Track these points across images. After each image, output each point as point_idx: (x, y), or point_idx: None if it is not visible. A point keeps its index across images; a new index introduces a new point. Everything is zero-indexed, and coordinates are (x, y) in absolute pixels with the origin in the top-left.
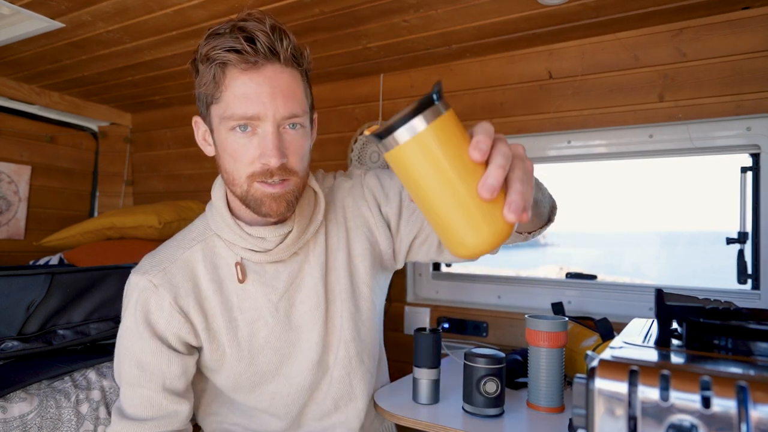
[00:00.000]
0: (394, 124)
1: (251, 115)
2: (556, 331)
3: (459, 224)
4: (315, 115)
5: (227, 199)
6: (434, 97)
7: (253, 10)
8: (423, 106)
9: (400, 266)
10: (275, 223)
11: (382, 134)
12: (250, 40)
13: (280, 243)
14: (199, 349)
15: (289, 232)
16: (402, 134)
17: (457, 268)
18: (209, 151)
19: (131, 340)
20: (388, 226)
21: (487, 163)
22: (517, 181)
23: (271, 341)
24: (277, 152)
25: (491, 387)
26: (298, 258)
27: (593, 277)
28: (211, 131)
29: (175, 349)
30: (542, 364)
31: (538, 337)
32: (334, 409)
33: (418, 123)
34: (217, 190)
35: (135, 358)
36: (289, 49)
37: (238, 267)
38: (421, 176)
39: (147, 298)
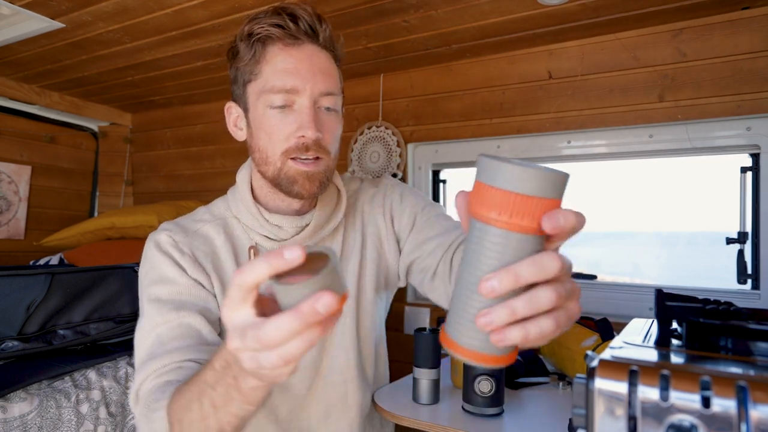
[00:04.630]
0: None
1: (290, 87)
2: (540, 197)
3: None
4: (344, 109)
5: (251, 184)
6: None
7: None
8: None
9: (402, 284)
10: (295, 215)
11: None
12: (293, 18)
13: (296, 234)
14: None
15: (307, 225)
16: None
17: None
18: (240, 135)
19: (154, 267)
20: (398, 242)
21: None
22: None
23: None
24: (313, 125)
25: (486, 386)
26: None
27: (593, 276)
28: (246, 112)
29: (201, 285)
30: (485, 258)
31: (493, 201)
32: (325, 418)
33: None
34: (243, 174)
35: (158, 276)
36: (327, 32)
37: (252, 251)
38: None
39: (169, 248)
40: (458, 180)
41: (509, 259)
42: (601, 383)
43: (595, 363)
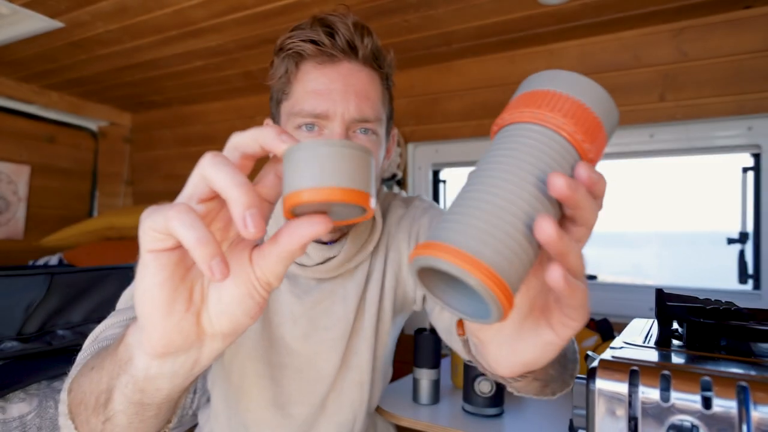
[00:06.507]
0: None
1: (319, 112)
2: (601, 120)
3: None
4: (394, 130)
5: None
6: None
7: (339, 8)
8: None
9: (418, 309)
10: (323, 243)
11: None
12: (330, 33)
13: (320, 264)
14: None
15: (334, 257)
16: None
17: None
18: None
19: None
20: None
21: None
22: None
23: (282, 351)
24: None
25: (485, 387)
26: (336, 281)
27: (593, 277)
28: None
29: None
30: (535, 160)
31: (566, 107)
32: None
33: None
34: None
35: None
36: (369, 47)
37: None
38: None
39: None
40: (458, 180)
41: (562, 169)
42: (601, 383)
43: (595, 363)
